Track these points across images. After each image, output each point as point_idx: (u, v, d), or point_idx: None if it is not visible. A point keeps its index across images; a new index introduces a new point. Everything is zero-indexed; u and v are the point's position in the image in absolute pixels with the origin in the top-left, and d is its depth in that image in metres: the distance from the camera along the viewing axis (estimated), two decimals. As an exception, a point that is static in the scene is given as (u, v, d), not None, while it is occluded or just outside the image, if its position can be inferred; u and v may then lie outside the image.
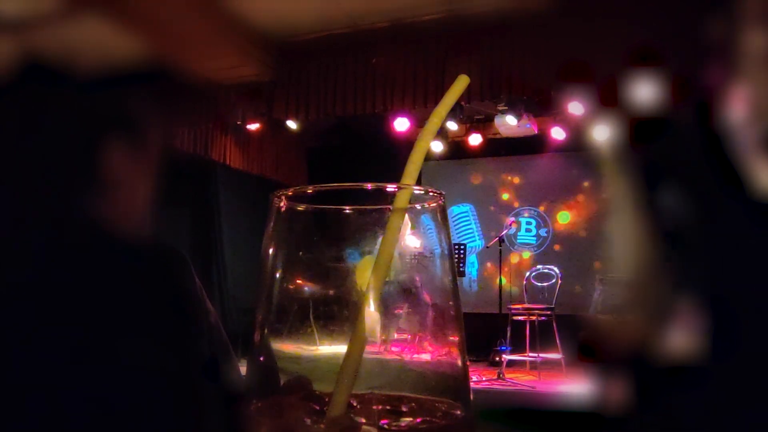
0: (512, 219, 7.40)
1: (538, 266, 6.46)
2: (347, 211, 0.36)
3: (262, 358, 0.36)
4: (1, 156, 0.67)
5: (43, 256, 0.65)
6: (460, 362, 0.37)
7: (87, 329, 0.63)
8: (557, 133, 6.72)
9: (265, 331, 0.37)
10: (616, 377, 0.62)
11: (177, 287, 0.72)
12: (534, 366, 5.57)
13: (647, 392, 0.60)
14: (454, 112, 6.38)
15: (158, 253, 0.72)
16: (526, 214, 7.49)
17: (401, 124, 6.48)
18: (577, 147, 6.63)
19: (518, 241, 7.46)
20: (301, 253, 0.37)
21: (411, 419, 0.35)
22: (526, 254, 7.40)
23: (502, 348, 5.66)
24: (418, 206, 0.37)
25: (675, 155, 0.62)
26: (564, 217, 7.28)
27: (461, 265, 6.09)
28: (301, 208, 0.37)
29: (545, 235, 7.39)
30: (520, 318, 5.71)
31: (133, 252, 0.71)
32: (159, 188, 0.75)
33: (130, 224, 0.74)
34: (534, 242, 7.44)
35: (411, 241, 0.36)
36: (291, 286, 0.37)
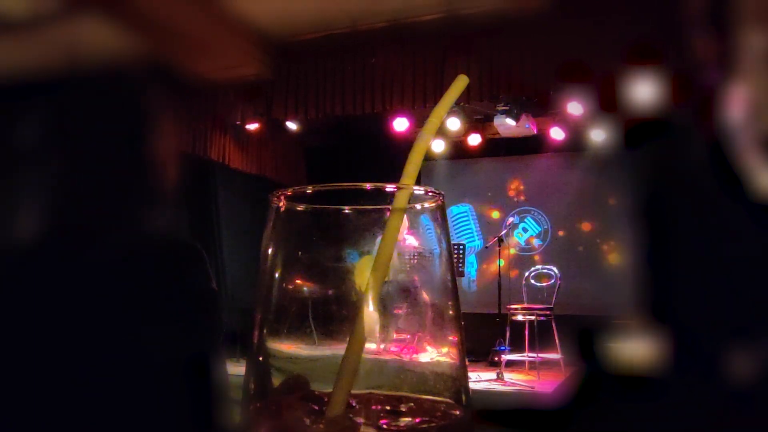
0: (511, 219, 7.40)
1: (538, 266, 6.45)
2: (346, 211, 0.36)
3: (260, 358, 0.36)
4: (19, 153, 0.67)
5: (60, 249, 0.65)
6: (459, 362, 0.37)
7: (99, 321, 0.63)
8: (556, 134, 6.72)
9: (264, 331, 0.37)
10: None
11: (191, 283, 0.71)
12: (533, 366, 5.56)
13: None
14: (456, 112, 6.38)
15: (174, 248, 0.72)
16: (525, 214, 7.48)
17: (400, 124, 6.47)
18: (577, 147, 6.64)
19: (517, 240, 7.46)
20: (300, 253, 0.37)
21: (410, 419, 0.35)
22: (525, 254, 7.40)
23: (501, 348, 5.65)
24: (417, 206, 0.37)
25: (673, 155, 0.62)
26: (564, 217, 7.28)
27: (460, 265, 6.09)
28: (300, 208, 0.37)
29: (544, 235, 7.39)
30: (519, 318, 5.71)
31: (150, 247, 0.71)
32: (165, 186, 0.75)
33: (141, 220, 0.74)
34: (533, 242, 7.44)
35: (409, 240, 0.36)
36: (290, 286, 0.37)
